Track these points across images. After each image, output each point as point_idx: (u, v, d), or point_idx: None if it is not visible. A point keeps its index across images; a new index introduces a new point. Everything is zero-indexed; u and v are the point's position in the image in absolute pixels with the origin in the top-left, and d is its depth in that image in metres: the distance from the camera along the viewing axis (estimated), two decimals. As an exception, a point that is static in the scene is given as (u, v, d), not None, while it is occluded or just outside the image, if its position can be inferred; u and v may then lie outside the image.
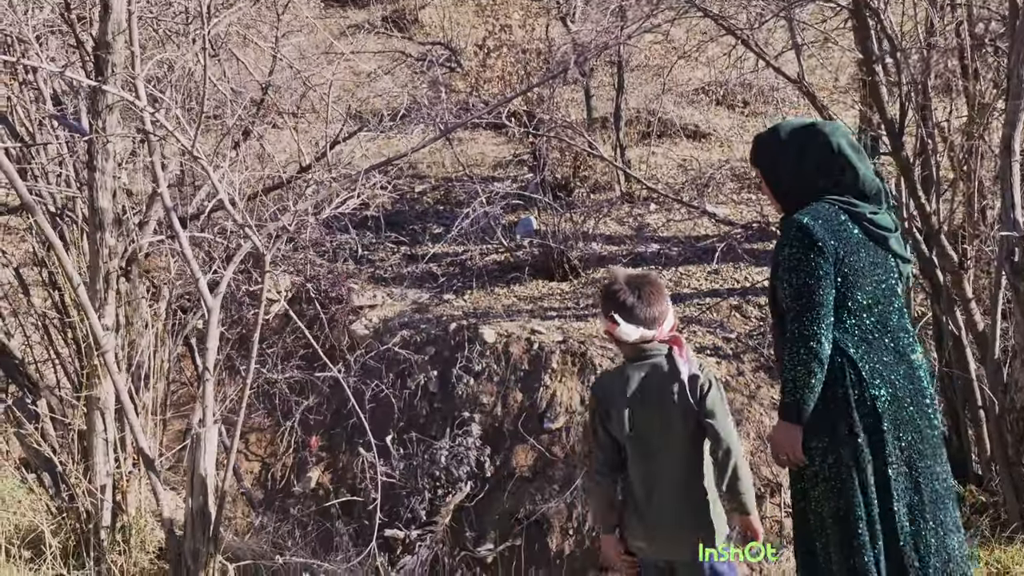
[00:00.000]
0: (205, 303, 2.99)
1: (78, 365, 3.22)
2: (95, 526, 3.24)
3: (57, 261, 2.69)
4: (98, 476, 3.26)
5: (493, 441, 7.64)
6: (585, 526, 6.99)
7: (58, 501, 3.30)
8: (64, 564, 3.17)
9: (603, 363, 7.68)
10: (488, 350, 8.03)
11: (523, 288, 9.14)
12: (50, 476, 3.30)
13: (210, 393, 3.11)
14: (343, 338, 8.75)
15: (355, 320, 8.81)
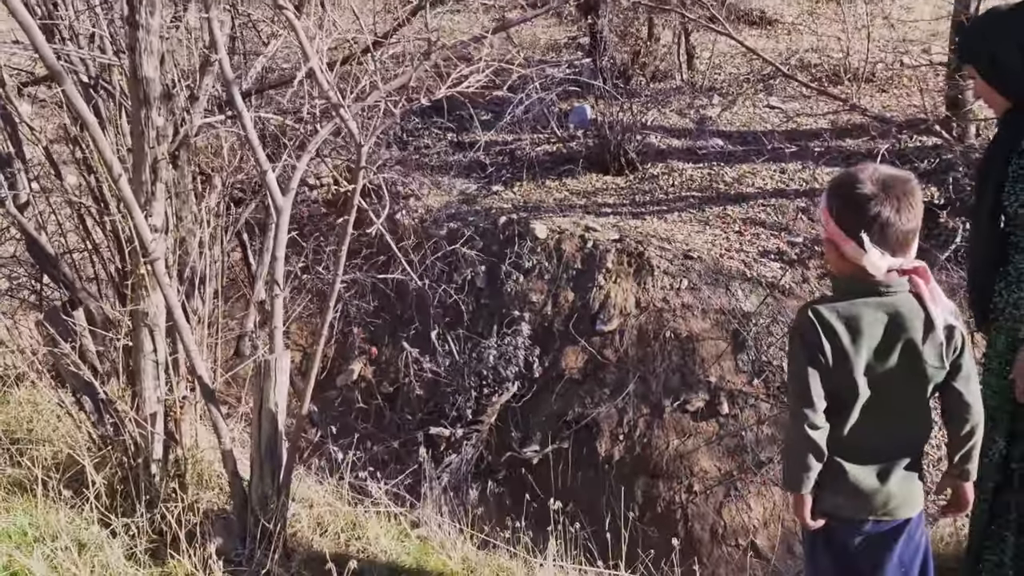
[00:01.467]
0: (274, 203, 2.57)
1: (121, 271, 2.81)
2: (145, 460, 2.87)
3: (93, 144, 2.25)
4: (147, 403, 2.86)
5: (542, 341, 7.36)
6: (636, 432, 6.77)
7: (101, 430, 2.95)
8: (111, 503, 2.85)
9: (661, 264, 7.28)
10: (539, 246, 7.65)
11: (576, 181, 8.66)
12: (91, 402, 2.93)
13: (279, 313, 2.73)
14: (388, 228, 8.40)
15: (400, 209, 8.43)
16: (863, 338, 2.17)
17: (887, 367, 2.20)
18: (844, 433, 2.28)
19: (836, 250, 2.23)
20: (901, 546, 2.36)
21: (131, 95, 2.32)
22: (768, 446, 6.52)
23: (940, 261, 7.60)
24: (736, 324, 6.95)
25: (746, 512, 6.35)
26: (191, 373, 2.79)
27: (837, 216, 2.19)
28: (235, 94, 2.40)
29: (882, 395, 2.23)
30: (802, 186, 8.19)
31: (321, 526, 3.40)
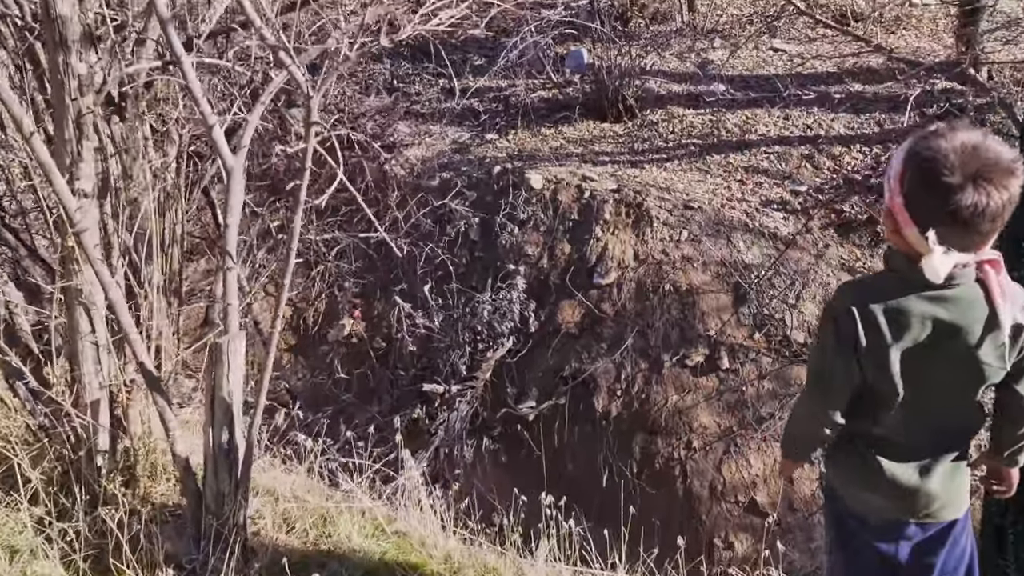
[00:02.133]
0: (223, 161, 2.29)
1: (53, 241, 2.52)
2: (88, 453, 2.57)
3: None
4: (88, 389, 2.58)
5: (538, 295, 7.16)
6: (634, 387, 6.61)
7: (39, 420, 2.66)
8: (48, 503, 2.52)
9: (661, 215, 7.05)
10: (534, 197, 7.40)
11: (573, 129, 8.37)
12: (24, 389, 2.64)
13: (232, 288, 2.47)
14: (377, 179, 8.13)
15: (390, 159, 8.16)
16: (908, 334, 1.88)
17: (934, 366, 1.93)
18: (880, 429, 2.05)
19: (895, 224, 1.90)
20: (946, 552, 2.13)
21: (46, 37, 2.04)
22: (769, 401, 6.38)
23: (948, 210, 7.37)
24: (737, 276, 6.75)
25: (746, 468, 6.23)
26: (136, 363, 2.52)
27: (909, 194, 1.83)
28: (171, 36, 2.09)
29: (926, 392, 1.97)
30: (806, 132, 7.91)
31: (288, 522, 3.11)
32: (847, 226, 7.31)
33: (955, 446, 2.08)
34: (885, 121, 7.87)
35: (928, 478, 2.05)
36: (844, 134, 7.85)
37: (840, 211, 7.39)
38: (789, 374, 6.48)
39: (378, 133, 8.21)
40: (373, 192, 7.74)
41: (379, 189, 8.09)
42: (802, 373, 6.45)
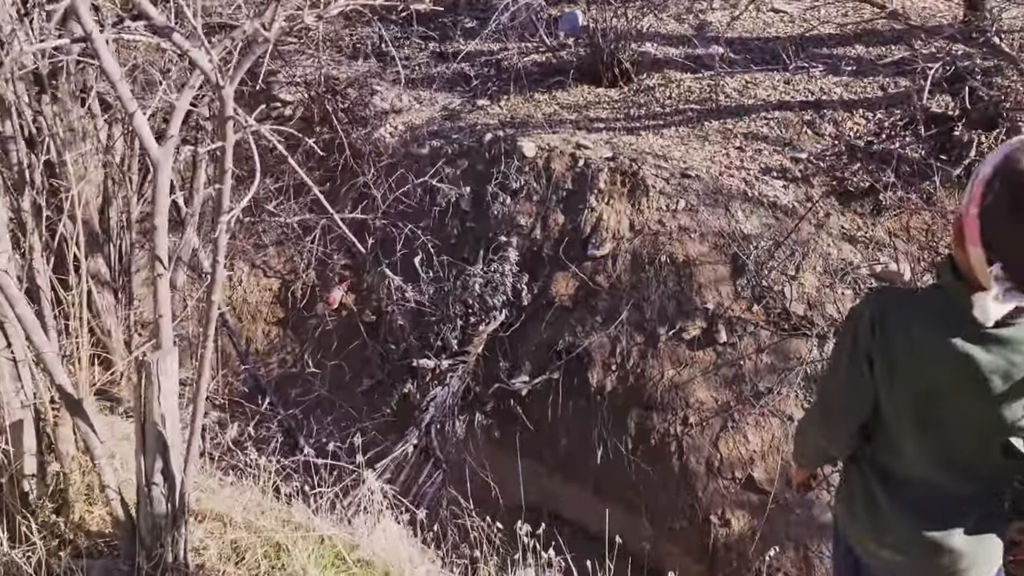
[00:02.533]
0: (148, 154, 1.99)
1: None
2: (11, 479, 2.30)
3: None
4: (7, 410, 2.32)
5: (531, 267, 6.97)
6: (629, 361, 6.45)
7: None
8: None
9: (657, 184, 6.84)
10: (527, 165, 7.17)
11: (567, 94, 8.12)
12: None
13: (164, 298, 2.21)
14: (365, 148, 7.90)
15: (379, 127, 7.91)
16: (933, 367, 1.65)
17: (959, 405, 1.69)
18: (894, 461, 1.81)
19: (961, 237, 1.66)
20: None
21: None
22: (767, 375, 6.23)
23: (952, 178, 7.16)
24: (736, 247, 6.56)
25: (743, 444, 6.10)
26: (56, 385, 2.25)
27: (988, 209, 1.57)
28: (80, 9, 1.83)
29: (949, 431, 1.73)
30: (807, 97, 7.67)
31: (237, 552, 2.77)
32: (849, 194, 7.11)
33: (988, 498, 1.82)
34: (889, 85, 7.63)
35: (953, 534, 1.79)
36: (847, 99, 7.61)
37: (842, 179, 7.18)
38: (788, 348, 6.32)
39: (365, 100, 7.96)
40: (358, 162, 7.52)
41: (365, 158, 7.86)
42: (802, 347, 6.29)
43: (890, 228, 7.09)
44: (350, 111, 8.08)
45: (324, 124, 7.75)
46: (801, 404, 6.19)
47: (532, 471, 6.84)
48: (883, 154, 7.28)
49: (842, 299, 6.56)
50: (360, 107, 7.96)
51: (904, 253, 6.97)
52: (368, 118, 8.01)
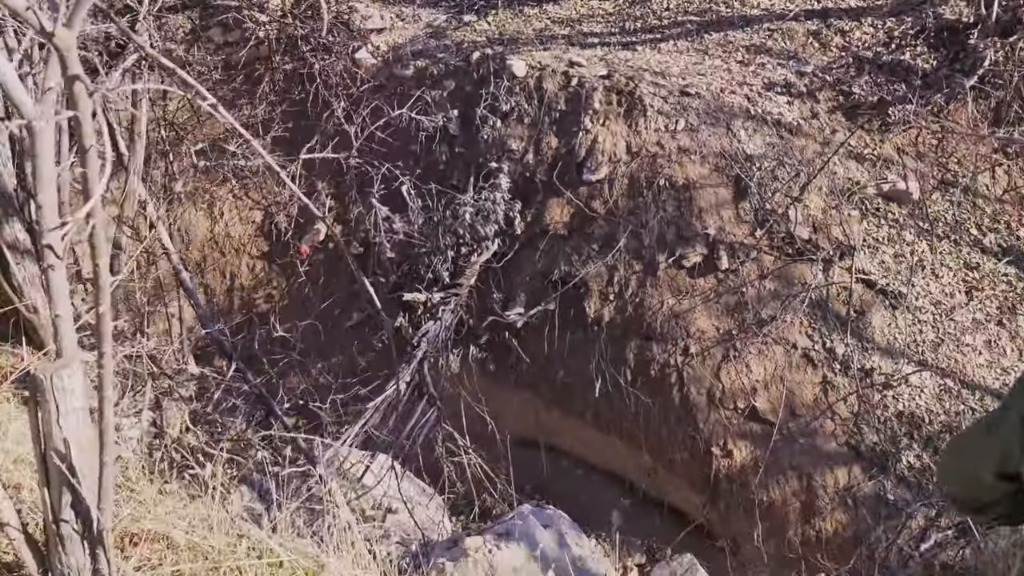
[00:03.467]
0: (20, 112, 1.50)
1: None
2: None
3: None
4: None
5: (523, 193, 6.66)
6: (627, 291, 6.22)
7: None
8: None
9: (655, 103, 6.47)
10: (517, 86, 6.78)
11: (558, 8, 7.66)
12: None
13: (61, 295, 1.68)
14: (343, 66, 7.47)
15: (360, 47, 7.47)
16: None
17: None
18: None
19: None
20: None
21: None
22: (771, 302, 6.01)
23: (966, 89, 6.81)
24: (738, 169, 6.25)
25: (746, 374, 5.93)
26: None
27: None
28: None
29: None
30: (813, 5, 7.24)
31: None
32: (856, 109, 6.77)
33: None
34: (900, -10, 7.19)
35: None
36: (854, 6, 7.18)
37: (849, 92, 6.82)
38: (792, 273, 6.08)
39: (344, 18, 7.49)
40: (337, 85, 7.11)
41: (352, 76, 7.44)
42: (806, 272, 6.06)
43: (899, 144, 6.77)
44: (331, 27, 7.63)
45: (302, 43, 7.30)
46: (806, 331, 6.00)
47: (529, 404, 6.69)
48: (892, 65, 6.91)
49: (848, 221, 6.30)
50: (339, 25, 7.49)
51: (913, 171, 6.67)
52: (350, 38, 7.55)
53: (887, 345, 6.05)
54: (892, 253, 6.35)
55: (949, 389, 5.94)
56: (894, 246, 6.38)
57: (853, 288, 6.05)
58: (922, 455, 5.74)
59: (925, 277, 6.31)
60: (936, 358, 6.03)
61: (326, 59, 7.21)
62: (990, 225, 6.59)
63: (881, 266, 6.25)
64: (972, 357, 6.10)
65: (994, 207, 6.70)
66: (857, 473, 5.71)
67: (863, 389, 5.86)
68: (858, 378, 5.88)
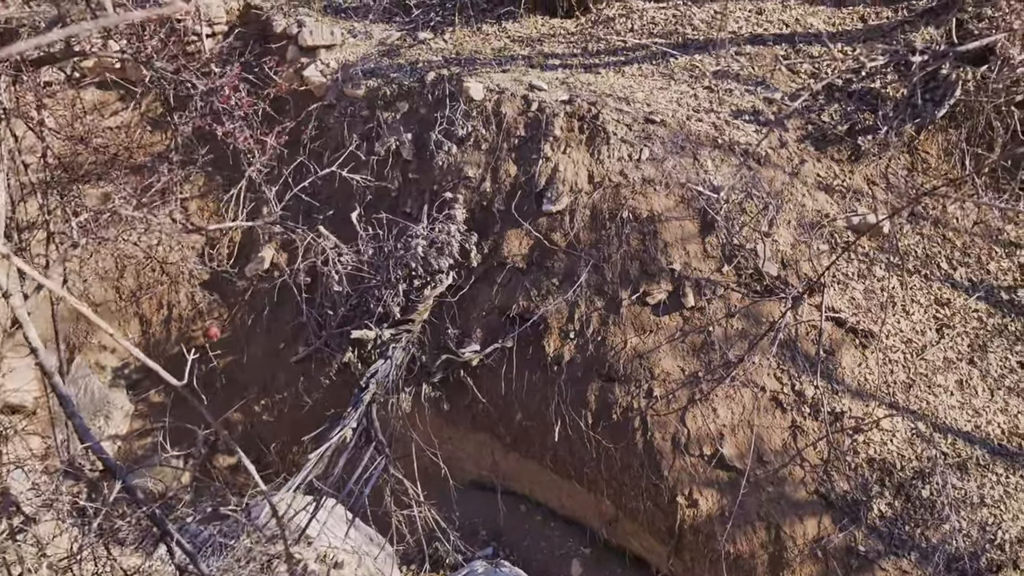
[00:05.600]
0: None
1: None
2: None
3: None
4: None
5: (480, 224, 6.31)
6: (589, 328, 5.90)
7: None
8: None
9: (618, 131, 6.16)
10: (475, 109, 6.43)
11: (518, 26, 7.32)
12: None
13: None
14: (293, 83, 7.06)
15: (308, 63, 7.06)
16: None
17: None
18: None
19: None
20: None
21: None
22: (738, 342, 5.74)
23: (937, 120, 6.62)
24: (704, 201, 5.97)
25: (712, 418, 5.64)
26: None
27: None
28: None
29: None
30: (782, 29, 7.00)
31: None
32: (826, 138, 6.54)
33: None
34: (870, 16, 6.98)
35: None
36: (824, 31, 6.96)
37: (818, 121, 6.59)
38: (760, 311, 5.82)
39: (292, 32, 7.08)
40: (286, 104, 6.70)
41: (301, 95, 7.03)
42: (775, 310, 5.80)
43: (868, 175, 6.56)
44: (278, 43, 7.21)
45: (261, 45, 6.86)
46: (774, 373, 5.73)
47: (486, 447, 6.34)
48: (862, 93, 6.69)
49: (818, 256, 6.06)
50: (286, 40, 7.09)
51: (883, 203, 6.46)
52: (298, 54, 7.14)
53: (857, 387, 5.81)
54: (862, 289, 6.13)
55: (920, 433, 5.73)
56: (864, 282, 6.16)
57: (823, 327, 5.81)
58: (893, 503, 5.51)
59: (896, 314, 6.09)
60: (907, 399, 5.82)
61: (283, 70, 6.79)
62: (960, 259, 6.40)
63: (851, 303, 6.02)
64: (944, 398, 5.90)
65: (964, 240, 6.52)
66: (827, 523, 5.46)
67: (833, 434, 5.62)
68: (828, 422, 5.64)
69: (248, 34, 7.37)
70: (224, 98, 4.92)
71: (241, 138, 5.19)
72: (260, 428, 6.90)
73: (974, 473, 5.59)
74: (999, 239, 6.47)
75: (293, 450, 6.75)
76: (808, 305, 5.95)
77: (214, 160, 7.03)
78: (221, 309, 7.01)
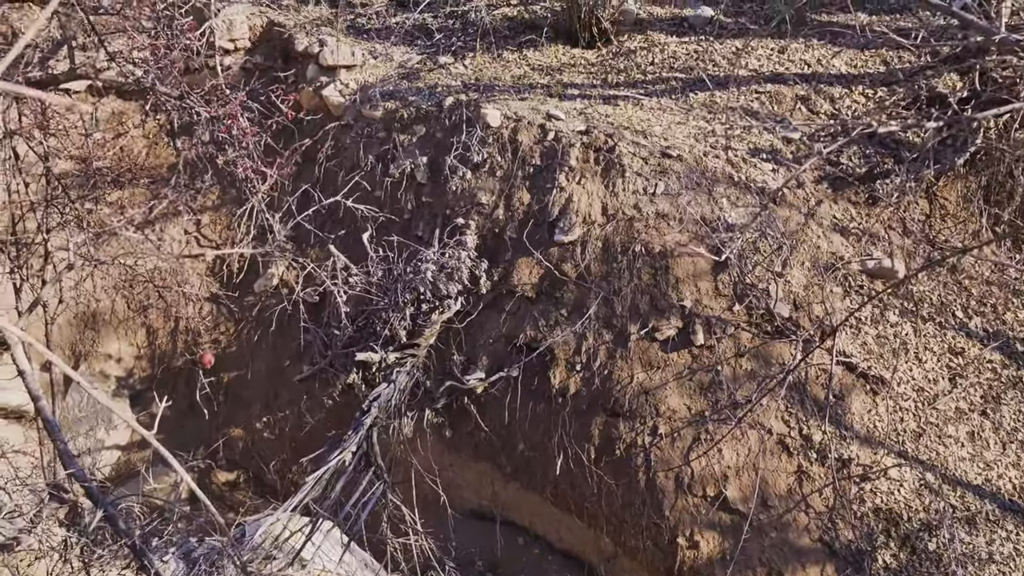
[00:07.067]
0: None
1: None
2: None
3: None
4: None
5: (491, 250, 6.28)
6: (596, 362, 5.84)
7: None
8: None
9: (634, 164, 6.13)
10: (491, 136, 6.42)
11: (539, 54, 7.33)
12: None
13: None
14: (312, 101, 7.09)
15: (328, 83, 7.09)
16: None
17: None
18: None
19: None
20: None
21: None
22: (747, 383, 5.65)
23: (957, 167, 6.56)
24: (718, 238, 5.92)
25: (717, 459, 5.55)
26: None
27: None
28: None
29: None
30: (803, 69, 6.97)
31: None
32: (843, 180, 6.48)
33: None
34: (892, 60, 6.95)
35: None
36: (845, 72, 6.93)
37: (836, 162, 6.54)
38: (770, 353, 5.74)
39: (314, 51, 7.11)
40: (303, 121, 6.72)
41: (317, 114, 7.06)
42: (785, 352, 5.72)
43: (885, 219, 6.50)
44: (298, 59, 7.25)
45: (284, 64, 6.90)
46: (782, 416, 5.64)
47: (487, 476, 6.27)
48: (882, 137, 6.64)
49: (831, 298, 5.99)
50: (307, 58, 7.12)
51: (899, 247, 6.39)
52: (318, 73, 7.18)
53: (866, 433, 5.71)
54: (875, 335, 6.04)
55: (929, 484, 5.62)
56: (877, 327, 6.08)
57: (833, 371, 5.72)
58: (899, 555, 5.40)
59: (908, 361, 6.00)
60: (916, 449, 5.71)
61: (302, 88, 6.82)
62: (976, 308, 6.32)
63: (863, 348, 5.94)
64: (954, 449, 5.79)
65: (980, 289, 6.43)
66: (830, 572, 5.34)
67: (840, 480, 5.52)
68: (835, 468, 5.54)
69: (271, 51, 7.42)
70: (225, 128, 4.95)
71: (240, 168, 5.22)
72: (261, 445, 6.86)
73: (983, 528, 5.47)
74: (1016, 289, 6.39)
75: (292, 469, 6.70)
76: (820, 348, 5.87)
77: (230, 173, 7.05)
78: (228, 323, 6.99)
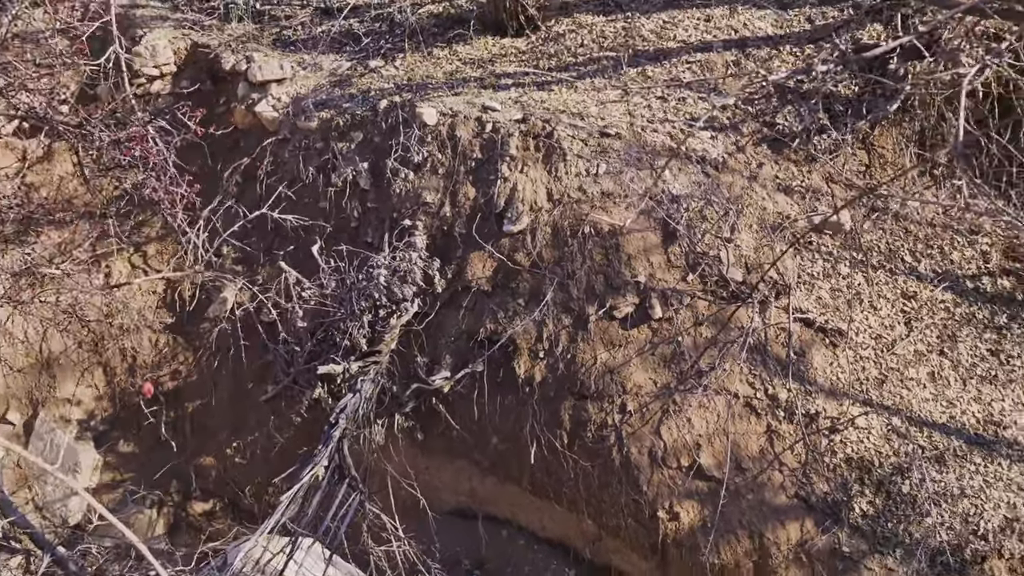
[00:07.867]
0: None
1: None
2: None
3: None
4: None
5: (442, 249, 6.25)
6: (558, 347, 5.84)
7: None
8: None
9: (574, 147, 6.14)
10: (429, 134, 6.39)
11: (469, 48, 7.30)
12: None
13: None
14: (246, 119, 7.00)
15: (260, 99, 7.00)
16: None
17: None
18: None
19: None
20: None
21: None
22: (708, 350, 5.70)
23: (889, 114, 6.65)
24: (664, 211, 5.95)
25: (687, 429, 5.59)
26: None
27: None
28: None
29: None
30: (731, 35, 7.02)
31: None
32: (780, 141, 6.55)
33: None
34: (816, 16, 7.03)
35: None
36: (772, 34, 6.99)
37: (772, 123, 6.61)
38: (728, 318, 5.78)
39: (242, 68, 7.02)
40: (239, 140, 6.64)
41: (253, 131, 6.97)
42: (743, 315, 5.77)
43: (827, 174, 6.58)
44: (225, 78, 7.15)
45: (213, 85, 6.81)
46: (746, 379, 5.70)
47: (463, 473, 6.25)
48: (814, 93, 6.72)
49: (782, 258, 6.05)
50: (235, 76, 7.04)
51: (843, 199, 6.48)
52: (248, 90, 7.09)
53: (830, 386, 5.79)
54: (828, 288, 6.12)
55: (896, 428, 5.71)
56: (830, 280, 6.16)
57: (792, 329, 5.79)
58: (874, 500, 5.48)
59: (864, 311, 6.08)
60: (881, 396, 5.80)
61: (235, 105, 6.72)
62: (924, 251, 6.43)
63: (819, 303, 6.01)
64: (917, 391, 5.89)
65: (926, 231, 6.54)
66: (809, 526, 5.41)
67: (809, 436, 5.59)
68: (803, 424, 5.61)
69: (198, 73, 7.31)
70: (127, 151, 4.88)
71: (148, 190, 5.15)
72: (234, 471, 6.77)
73: (952, 465, 5.58)
74: (959, 228, 6.51)
75: (268, 491, 6.63)
76: (776, 308, 5.93)
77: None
78: (186, 353, 6.89)
